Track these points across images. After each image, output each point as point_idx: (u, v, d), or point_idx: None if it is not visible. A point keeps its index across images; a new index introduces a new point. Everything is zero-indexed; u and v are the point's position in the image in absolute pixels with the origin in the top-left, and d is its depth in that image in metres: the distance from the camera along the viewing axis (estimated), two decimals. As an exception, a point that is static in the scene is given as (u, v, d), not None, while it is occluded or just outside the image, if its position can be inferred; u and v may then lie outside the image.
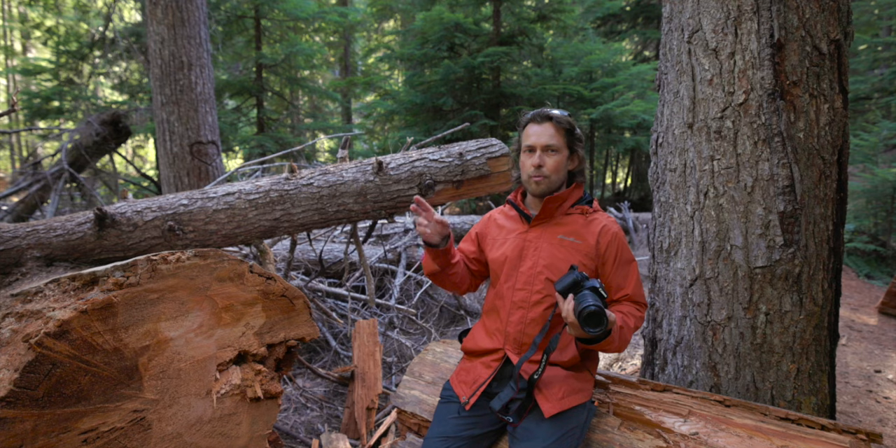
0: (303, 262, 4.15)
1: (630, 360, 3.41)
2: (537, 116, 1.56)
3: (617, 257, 1.53)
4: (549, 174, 1.52)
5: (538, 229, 1.57)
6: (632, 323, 1.45)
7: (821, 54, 1.71)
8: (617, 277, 1.53)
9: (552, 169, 1.52)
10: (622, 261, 1.53)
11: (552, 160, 1.52)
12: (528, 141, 1.54)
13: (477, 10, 9.61)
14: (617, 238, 1.54)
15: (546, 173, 1.52)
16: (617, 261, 1.53)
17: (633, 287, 1.53)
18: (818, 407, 1.84)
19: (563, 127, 1.53)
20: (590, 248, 1.52)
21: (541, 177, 1.53)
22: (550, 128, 1.53)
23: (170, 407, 1.42)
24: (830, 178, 1.78)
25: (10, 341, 1.29)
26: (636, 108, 9.06)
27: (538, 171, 1.52)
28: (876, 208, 6.43)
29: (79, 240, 2.38)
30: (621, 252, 1.53)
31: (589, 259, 1.51)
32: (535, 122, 1.56)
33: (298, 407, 2.87)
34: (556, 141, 1.52)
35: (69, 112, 9.25)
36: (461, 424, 1.51)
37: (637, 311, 1.52)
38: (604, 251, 1.52)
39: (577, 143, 1.57)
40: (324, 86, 13.40)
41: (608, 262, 1.52)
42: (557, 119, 1.53)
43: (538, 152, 1.52)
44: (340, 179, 2.49)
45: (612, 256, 1.52)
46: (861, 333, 3.93)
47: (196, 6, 5.06)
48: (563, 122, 1.53)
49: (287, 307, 1.68)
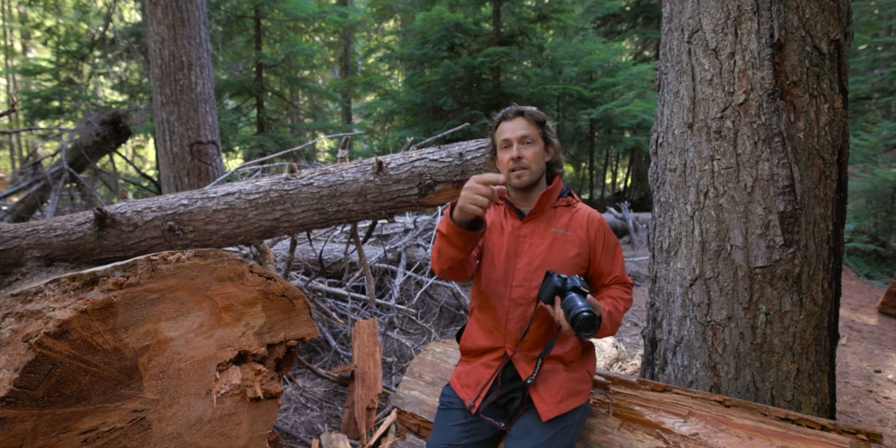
0: (303, 262, 4.15)
1: (630, 360, 3.41)
2: (508, 113, 1.60)
3: (605, 244, 1.60)
4: (529, 165, 1.54)
5: (530, 225, 1.58)
6: (621, 306, 1.53)
7: (821, 54, 1.71)
8: (606, 263, 1.60)
9: (531, 159, 1.54)
10: (609, 246, 1.61)
11: (530, 151, 1.54)
12: (504, 136, 1.57)
13: (477, 10, 9.61)
14: (602, 225, 1.61)
15: (526, 164, 1.54)
16: (605, 247, 1.60)
17: (620, 270, 1.62)
18: (818, 407, 1.84)
19: (535, 119, 1.58)
20: (582, 239, 1.56)
21: (522, 168, 1.54)
22: (523, 121, 1.57)
23: (170, 407, 1.42)
24: (830, 178, 1.78)
25: (10, 341, 1.29)
26: (636, 108, 9.06)
27: (518, 163, 1.54)
28: (876, 208, 6.43)
29: (79, 240, 2.38)
30: (608, 238, 1.61)
31: (583, 249, 1.56)
32: (507, 118, 1.59)
33: (298, 407, 2.87)
34: (530, 131, 1.55)
35: (69, 112, 9.26)
36: (464, 431, 1.51)
37: (625, 293, 1.61)
38: (594, 239, 1.58)
39: (549, 135, 1.61)
40: (324, 86, 13.41)
41: (598, 250, 1.59)
42: (528, 112, 1.58)
43: (515, 145, 1.54)
44: (340, 179, 2.49)
45: (602, 244, 1.59)
46: (861, 333, 3.93)
47: (196, 6, 5.06)
48: (534, 114, 1.58)
49: (287, 307, 1.68)
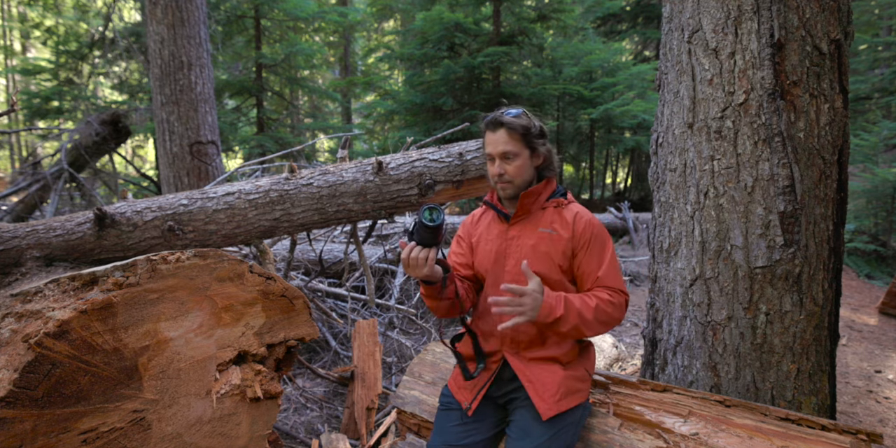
0: (303, 262, 4.15)
1: (630, 360, 3.41)
2: (490, 124, 1.54)
3: (590, 243, 1.51)
4: (511, 179, 1.53)
5: (517, 227, 1.58)
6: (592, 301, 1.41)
7: (821, 54, 1.71)
8: (589, 262, 1.51)
9: (514, 174, 1.52)
10: (594, 246, 1.51)
11: (512, 166, 1.52)
12: (487, 149, 1.55)
13: (477, 10, 9.62)
14: (591, 224, 1.54)
15: (508, 179, 1.53)
16: (590, 246, 1.51)
17: (605, 271, 1.50)
18: (818, 407, 1.84)
19: (516, 131, 1.50)
20: (567, 238, 1.52)
21: (505, 183, 1.54)
22: (504, 135, 1.51)
23: (169, 407, 1.42)
24: (831, 178, 1.78)
25: (10, 341, 1.29)
26: (636, 108, 9.06)
27: (501, 179, 1.53)
28: (876, 208, 6.43)
29: (78, 240, 2.38)
30: (595, 238, 1.52)
31: (567, 248, 1.52)
32: (490, 130, 1.54)
33: (298, 407, 2.87)
34: (511, 147, 1.50)
35: (69, 112, 9.25)
36: (463, 432, 1.51)
37: (607, 295, 1.46)
38: (578, 237, 1.52)
39: (536, 142, 1.54)
40: (324, 86, 13.40)
41: (582, 248, 1.51)
42: (509, 124, 1.50)
43: (497, 161, 1.52)
44: (340, 179, 2.49)
45: (586, 242, 1.51)
46: (861, 333, 3.93)
47: (196, 6, 5.06)
48: (514, 126, 1.50)
49: (287, 307, 1.68)
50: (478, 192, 2.63)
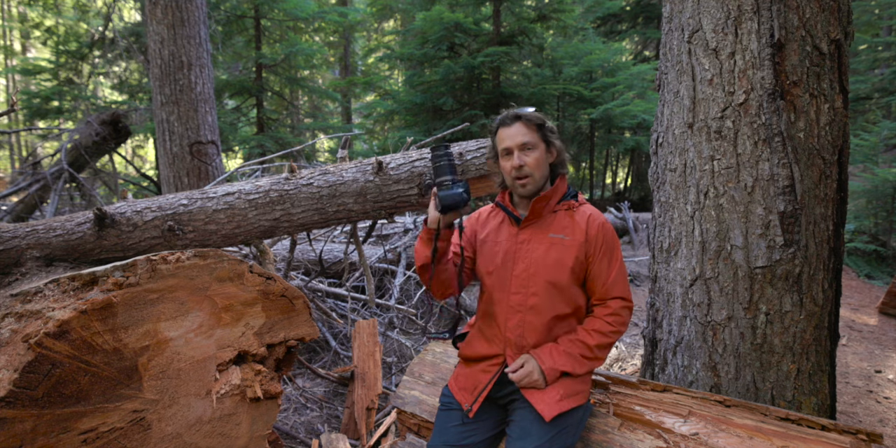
0: (303, 262, 4.15)
1: (630, 360, 3.41)
2: (506, 119, 1.55)
3: (602, 248, 1.54)
4: (531, 172, 1.52)
5: (528, 230, 1.57)
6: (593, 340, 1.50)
7: (821, 54, 1.71)
8: (600, 268, 1.54)
9: (533, 166, 1.52)
10: (605, 251, 1.54)
11: (531, 157, 1.52)
12: (504, 144, 1.55)
13: (477, 10, 9.61)
14: (603, 228, 1.56)
15: (528, 172, 1.52)
16: (602, 252, 1.54)
17: (614, 278, 1.54)
18: (818, 407, 1.84)
19: (533, 123, 1.53)
20: (580, 242, 1.53)
21: (525, 177, 1.53)
22: (522, 127, 1.53)
23: (169, 407, 1.42)
24: (831, 178, 1.78)
25: (10, 341, 1.29)
26: (636, 108, 9.06)
27: (520, 172, 1.52)
28: (876, 208, 6.43)
29: (78, 240, 2.38)
30: (606, 243, 1.55)
31: (581, 252, 1.53)
32: (505, 125, 1.55)
33: (298, 407, 2.87)
34: (530, 137, 1.52)
35: (69, 112, 9.25)
36: (463, 432, 1.51)
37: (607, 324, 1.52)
38: (591, 241, 1.54)
39: (551, 136, 1.56)
40: (324, 86, 13.41)
41: (594, 254, 1.54)
42: (526, 117, 1.53)
43: (516, 153, 1.52)
44: (340, 179, 2.49)
45: (598, 247, 1.54)
46: (861, 333, 3.93)
47: (196, 6, 5.06)
48: (532, 118, 1.54)
49: (287, 307, 1.68)
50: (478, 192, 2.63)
